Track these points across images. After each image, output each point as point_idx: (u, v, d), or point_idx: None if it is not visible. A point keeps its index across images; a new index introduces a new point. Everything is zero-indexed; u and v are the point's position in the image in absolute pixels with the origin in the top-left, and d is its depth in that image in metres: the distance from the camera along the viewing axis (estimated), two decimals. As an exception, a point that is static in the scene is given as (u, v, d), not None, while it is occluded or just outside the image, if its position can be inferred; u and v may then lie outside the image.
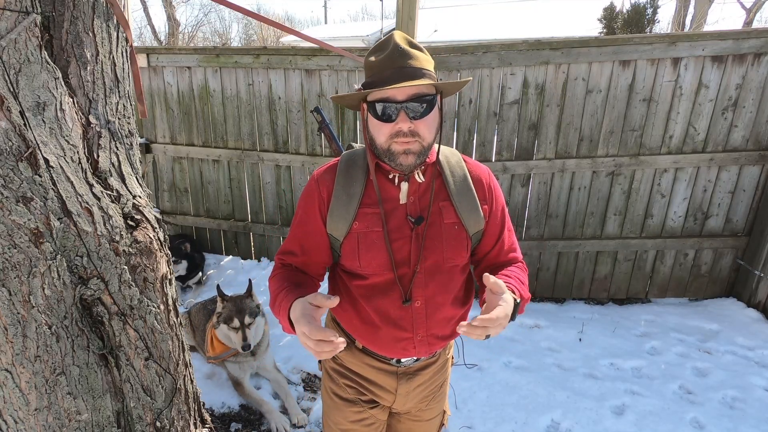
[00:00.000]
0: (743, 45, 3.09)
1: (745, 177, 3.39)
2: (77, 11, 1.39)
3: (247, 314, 2.56)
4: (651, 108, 3.30)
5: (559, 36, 10.52)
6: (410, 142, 1.12)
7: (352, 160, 1.26)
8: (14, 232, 1.20)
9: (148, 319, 1.55)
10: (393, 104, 1.10)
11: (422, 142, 1.13)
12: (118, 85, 1.56)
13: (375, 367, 1.35)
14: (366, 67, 1.17)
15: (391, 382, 1.36)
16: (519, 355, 3.00)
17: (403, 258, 1.22)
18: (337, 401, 1.42)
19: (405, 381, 1.36)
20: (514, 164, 3.48)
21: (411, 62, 1.10)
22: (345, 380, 1.40)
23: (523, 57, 3.25)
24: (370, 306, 1.26)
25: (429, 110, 1.12)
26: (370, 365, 1.36)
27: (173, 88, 3.94)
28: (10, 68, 1.16)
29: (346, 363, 1.39)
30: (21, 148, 1.19)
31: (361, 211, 1.22)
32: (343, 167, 1.25)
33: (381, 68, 1.11)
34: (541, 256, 3.71)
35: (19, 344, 1.27)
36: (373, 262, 1.22)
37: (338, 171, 1.25)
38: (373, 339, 1.29)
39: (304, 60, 3.55)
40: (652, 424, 2.44)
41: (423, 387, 1.41)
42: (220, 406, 2.61)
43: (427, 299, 1.25)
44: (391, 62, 1.10)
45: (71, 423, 1.41)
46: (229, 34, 27.89)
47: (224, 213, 4.24)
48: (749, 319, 3.37)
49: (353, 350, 1.37)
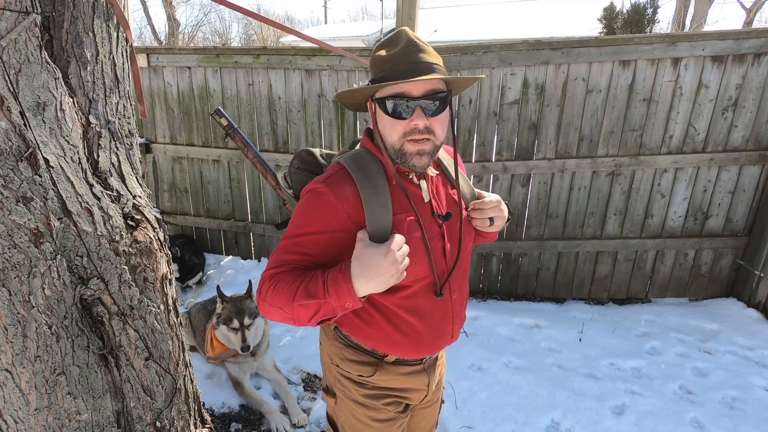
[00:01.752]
0: (743, 45, 3.09)
1: (745, 177, 3.39)
2: (77, 11, 1.39)
3: (246, 315, 2.56)
4: (651, 108, 3.30)
5: (559, 36, 10.52)
6: (424, 141, 1.08)
7: (363, 166, 1.13)
8: (14, 232, 1.20)
9: (148, 319, 1.55)
10: (409, 100, 1.05)
11: (435, 141, 1.10)
12: (118, 85, 1.56)
13: (407, 374, 1.32)
14: (375, 63, 1.11)
15: (423, 380, 1.35)
16: (519, 355, 3.00)
17: (438, 256, 1.20)
18: (379, 425, 1.33)
19: (432, 372, 1.38)
20: (514, 164, 3.48)
21: (425, 57, 1.07)
22: (385, 400, 1.32)
23: (523, 57, 3.25)
24: (412, 315, 1.20)
25: (443, 107, 1.09)
26: (402, 374, 1.31)
27: (173, 88, 3.94)
28: (10, 68, 1.16)
29: (380, 383, 1.31)
30: (21, 148, 1.19)
31: (396, 219, 1.12)
32: (360, 177, 1.11)
33: (394, 63, 1.07)
34: (541, 256, 3.71)
35: (19, 344, 1.27)
36: (416, 269, 1.15)
37: (358, 182, 1.10)
38: (416, 347, 1.25)
39: (304, 60, 3.55)
40: (652, 424, 2.44)
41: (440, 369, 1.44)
42: (220, 406, 2.61)
43: (459, 288, 1.28)
44: (405, 57, 1.06)
45: (71, 423, 1.41)
46: (229, 34, 27.90)
47: (224, 213, 4.24)
48: (749, 319, 3.37)
49: (384, 367, 1.29)
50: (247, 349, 2.50)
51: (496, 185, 3.58)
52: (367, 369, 1.29)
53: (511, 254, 3.73)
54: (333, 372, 1.36)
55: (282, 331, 3.29)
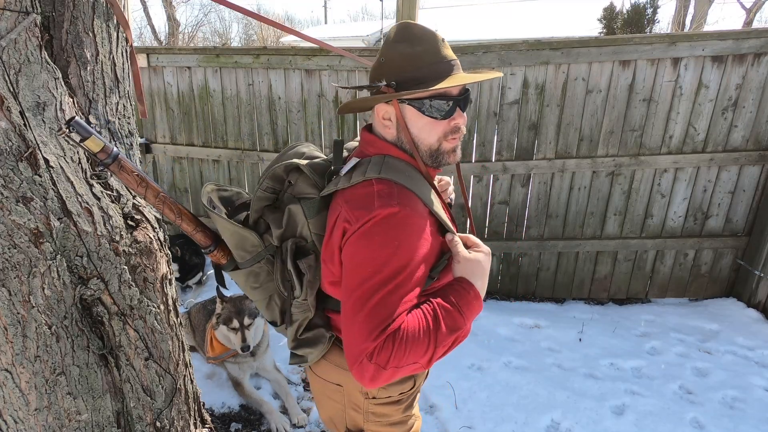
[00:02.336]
0: (743, 45, 3.09)
1: (745, 177, 3.39)
2: (77, 11, 1.39)
3: (246, 315, 2.57)
4: (651, 108, 3.30)
5: (559, 36, 10.52)
6: (458, 138, 1.07)
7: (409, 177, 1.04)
8: (14, 232, 1.20)
9: (148, 319, 1.55)
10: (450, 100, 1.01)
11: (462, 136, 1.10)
12: (118, 85, 1.56)
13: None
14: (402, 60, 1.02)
15: None
16: (519, 355, 3.00)
17: None
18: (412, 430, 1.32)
19: None
20: (514, 164, 3.48)
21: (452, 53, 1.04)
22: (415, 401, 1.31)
23: (523, 57, 3.25)
24: None
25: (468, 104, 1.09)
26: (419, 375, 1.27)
27: (173, 88, 3.94)
28: (10, 68, 1.16)
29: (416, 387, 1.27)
30: (21, 148, 1.19)
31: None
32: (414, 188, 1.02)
33: (430, 61, 1.01)
34: (541, 256, 3.70)
35: (19, 344, 1.27)
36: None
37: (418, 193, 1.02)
38: None
39: (304, 60, 3.55)
40: (652, 424, 2.44)
41: None
42: (220, 406, 2.61)
43: None
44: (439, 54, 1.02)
45: (71, 423, 1.41)
46: (229, 34, 27.90)
47: (224, 213, 4.23)
48: (749, 319, 3.37)
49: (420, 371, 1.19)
50: (247, 349, 2.51)
51: (496, 185, 3.58)
52: (409, 382, 1.24)
53: (511, 254, 3.73)
54: (364, 409, 1.25)
55: (282, 331, 3.29)
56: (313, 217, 1.11)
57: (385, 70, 1.04)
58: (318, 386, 1.31)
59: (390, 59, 1.04)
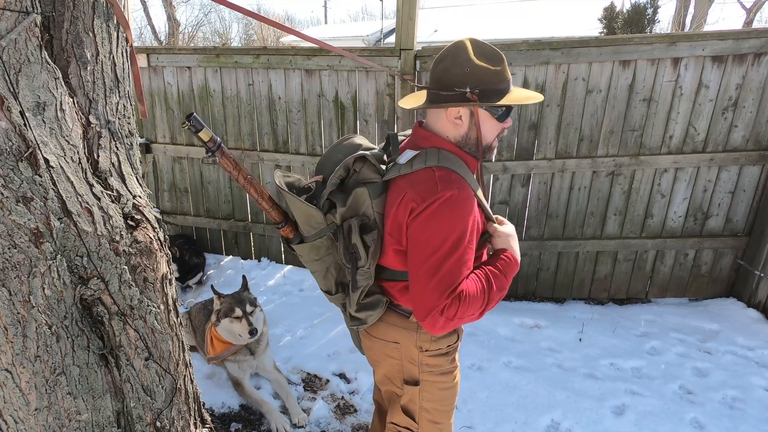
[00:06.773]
0: (743, 45, 3.09)
1: (745, 177, 3.39)
2: (77, 11, 1.39)
3: (247, 303, 2.58)
4: (651, 108, 3.30)
5: (559, 36, 10.51)
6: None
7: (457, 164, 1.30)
8: (14, 232, 1.20)
9: (148, 319, 1.55)
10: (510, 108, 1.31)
11: None
12: (118, 85, 1.56)
13: None
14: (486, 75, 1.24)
15: None
16: (519, 355, 3.00)
17: None
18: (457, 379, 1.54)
19: None
20: (514, 164, 3.48)
21: None
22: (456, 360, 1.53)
23: (523, 57, 3.25)
24: None
25: None
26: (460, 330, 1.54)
27: (173, 88, 3.94)
28: (10, 68, 1.16)
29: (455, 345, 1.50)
30: (21, 148, 1.19)
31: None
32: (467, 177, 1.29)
33: (505, 78, 1.27)
34: (541, 256, 3.70)
35: (19, 344, 1.27)
36: None
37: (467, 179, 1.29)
38: None
39: (304, 60, 3.55)
40: (652, 424, 2.44)
41: None
42: (220, 406, 2.61)
43: None
44: (508, 73, 1.29)
45: (71, 423, 1.41)
46: (229, 34, 27.91)
47: (224, 213, 4.24)
48: (749, 319, 3.37)
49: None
50: (255, 332, 2.49)
51: (496, 185, 3.58)
52: (453, 336, 1.48)
53: (511, 254, 3.73)
54: (418, 361, 1.46)
55: (282, 331, 3.29)
56: (376, 198, 1.33)
57: (469, 79, 1.24)
58: (377, 347, 1.52)
59: (474, 72, 1.24)
